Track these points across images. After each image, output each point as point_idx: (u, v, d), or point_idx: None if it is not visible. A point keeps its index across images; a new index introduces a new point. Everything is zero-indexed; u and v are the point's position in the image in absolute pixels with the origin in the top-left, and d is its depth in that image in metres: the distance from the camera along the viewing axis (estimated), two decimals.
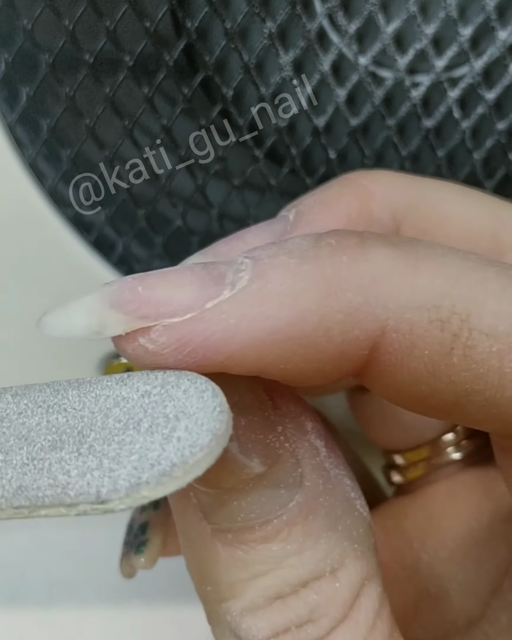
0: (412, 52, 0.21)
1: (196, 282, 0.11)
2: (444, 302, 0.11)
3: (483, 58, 0.22)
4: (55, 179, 0.22)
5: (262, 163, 0.23)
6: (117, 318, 0.11)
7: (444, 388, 0.11)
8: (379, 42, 0.21)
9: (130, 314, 0.11)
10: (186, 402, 0.11)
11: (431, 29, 0.21)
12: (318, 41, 0.21)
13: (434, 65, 0.22)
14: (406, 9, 0.21)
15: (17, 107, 0.21)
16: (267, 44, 0.21)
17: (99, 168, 0.22)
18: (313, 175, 0.23)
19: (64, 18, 0.20)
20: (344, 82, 0.22)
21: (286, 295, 0.11)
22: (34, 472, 0.10)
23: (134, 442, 0.10)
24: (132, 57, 0.21)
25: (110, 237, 0.24)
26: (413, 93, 0.22)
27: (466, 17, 0.21)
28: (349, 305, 0.11)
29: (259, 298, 0.11)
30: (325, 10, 0.21)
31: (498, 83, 0.22)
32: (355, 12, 0.21)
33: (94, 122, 0.22)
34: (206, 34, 0.21)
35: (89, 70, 0.21)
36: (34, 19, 0.20)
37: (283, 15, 0.21)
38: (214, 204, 0.23)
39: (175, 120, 0.22)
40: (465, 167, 0.24)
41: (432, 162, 0.23)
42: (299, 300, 0.11)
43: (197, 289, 0.11)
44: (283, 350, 0.11)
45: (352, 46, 0.21)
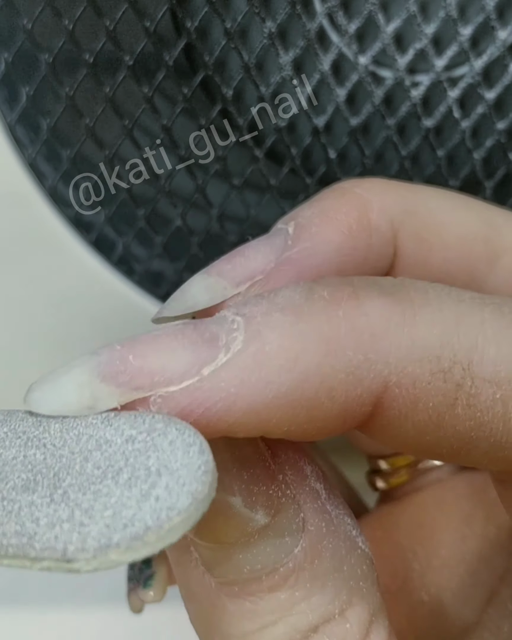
0: (412, 51, 0.22)
1: (189, 347, 0.11)
2: (444, 352, 0.11)
3: (483, 58, 0.22)
4: (55, 179, 0.22)
5: (262, 163, 0.23)
6: (110, 391, 0.11)
7: (449, 437, 0.11)
8: (379, 41, 0.21)
9: (124, 386, 0.11)
10: (171, 455, 0.10)
11: (430, 28, 0.21)
12: (318, 41, 0.21)
13: (434, 65, 0.22)
14: (406, 9, 0.21)
15: (17, 107, 0.21)
16: (267, 43, 0.21)
17: (99, 168, 0.22)
18: (313, 175, 0.23)
19: (63, 18, 0.20)
20: (344, 81, 0.22)
21: (285, 357, 0.11)
22: (1, 515, 0.10)
23: (110, 495, 0.10)
24: (132, 57, 0.21)
25: (110, 237, 0.24)
26: (413, 93, 0.22)
27: (466, 17, 0.21)
28: (350, 364, 0.11)
29: (256, 362, 0.11)
30: (325, 9, 0.21)
31: (498, 83, 0.22)
32: (355, 12, 0.21)
33: (93, 121, 0.22)
34: (206, 33, 0.21)
35: (89, 70, 0.21)
36: (34, 19, 0.20)
37: (283, 15, 0.21)
38: (214, 204, 0.23)
39: (175, 120, 0.22)
40: (465, 167, 0.24)
41: (432, 161, 0.23)
42: (299, 362, 0.11)
43: (190, 354, 0.11)
44: (286, 413, 0.11)
45: (352, 46, 0.21)
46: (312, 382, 0.11)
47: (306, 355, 0.11)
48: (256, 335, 0.11)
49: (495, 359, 0.11)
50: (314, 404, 0.11)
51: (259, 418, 0.11)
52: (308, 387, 0.11)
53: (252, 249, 0.15)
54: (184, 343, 0.11)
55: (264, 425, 0.11)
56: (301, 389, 0.11)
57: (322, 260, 0.14)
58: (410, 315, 0.11)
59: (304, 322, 0.11)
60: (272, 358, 0.11)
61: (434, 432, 0.11)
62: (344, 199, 0.15)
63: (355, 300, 0.11)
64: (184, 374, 0.10)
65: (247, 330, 0.11)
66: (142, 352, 0.11)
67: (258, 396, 0.10)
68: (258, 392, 0.10)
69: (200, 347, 0.11)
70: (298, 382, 0.11)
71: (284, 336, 0.11)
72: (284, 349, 0.11)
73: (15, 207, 0.22)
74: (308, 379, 0.11)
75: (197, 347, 0.11)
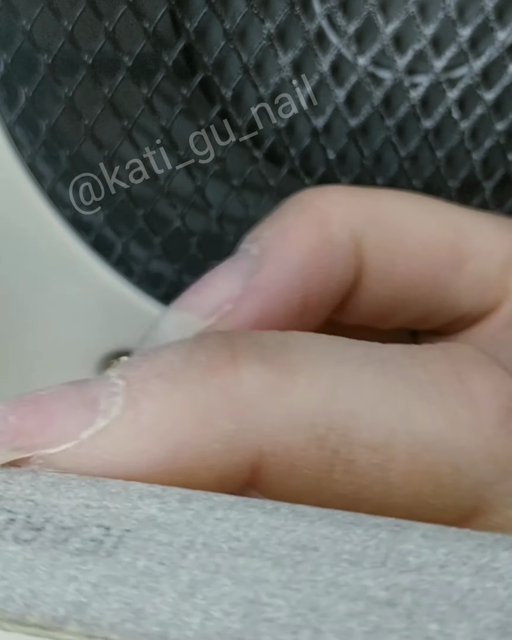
0: (411, 52, 0.22)
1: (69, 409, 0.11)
2: (319, 419, 0.11)
3: (482, 58, 0.22)
4: (54, 179, 0.22)
5: (261, 164, 0.23)
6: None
7: (332, 499, 0.11)
8: (378, 42, 0.21)
9: (4, 446, 0.11)
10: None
11: (430, 29, 0.21)
12: (317, 42, 0.21)
13: (433, 66, 0.22)
14: (405, 10, 0.21)
15: (16, 108, 0.21)
16: (266, 44, 0.21)
17: (99, 168, 0.22)
18: (312, 176, 0.23)
19: (63, 19, 0.20)
20: (343, 82, 0.22)
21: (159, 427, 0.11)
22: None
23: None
24: (131, 58, 0.21)
25: (109, 237, 0.24)
26: (412, 94, 0.22)
27: (465, 18, 0.21)
28: (224, 434, 0.11)
29: (132, 431, 0.11)
30: (324, 10, 0.21)
31: (497, 83, 0.22)
32: (354, 13, 0.21)
33: (93, 122, 0.22)
34: (205, 34, 0.21)
35: (88, 71, 0.21)
36: (33, 20, 0.20)
37: (282, 16, 0.21)
38: (213, 205, 0.23)
39: (174, 121, 0.22)
40: (464, 168, 0.24)
41: (431, 162, 0.23)
42: (173, 432, 0.11)
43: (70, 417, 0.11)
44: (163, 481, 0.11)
45: (351, 47, 0.21)
46: (186, 452, 0.11)
47: (179, 425, 0.11)
48: (132, 403, 0.11)
49: (371, 424, 0.11)
50: (190, 472, 0.11)
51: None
52: (183, 457, 0.11)
53: (219, 278, 0.15)
54: (65, 405, 0.11)
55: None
56: (175, 459, 0.11)
57: (287, 284, 0.14)
58: (286, 381, 0.11)
59: (180, 391, 0.11)
60: (147, 427, 0.11)
61: (314, 495, 0.11)
62: (305, 215, 0.15)
63: (232, 367, 0.11)
64: (62, 437, 0.11)
65: (125, 396, 0.11)
66: (23, 413, 0.11)
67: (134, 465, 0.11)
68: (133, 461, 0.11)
69: (80, 410, 0.11)
70: (172, 452, 0.11)
71: (159, 405, 0.11)
72: (158, 418, 0.11)
73: (14, 208, 0.22)
74: (182, 449, 0.11)
75: (77, 410, 0.11)
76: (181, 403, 0.11)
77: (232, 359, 0.11)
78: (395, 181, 0.24)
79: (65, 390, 0.11)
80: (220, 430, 0.11)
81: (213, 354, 0.11)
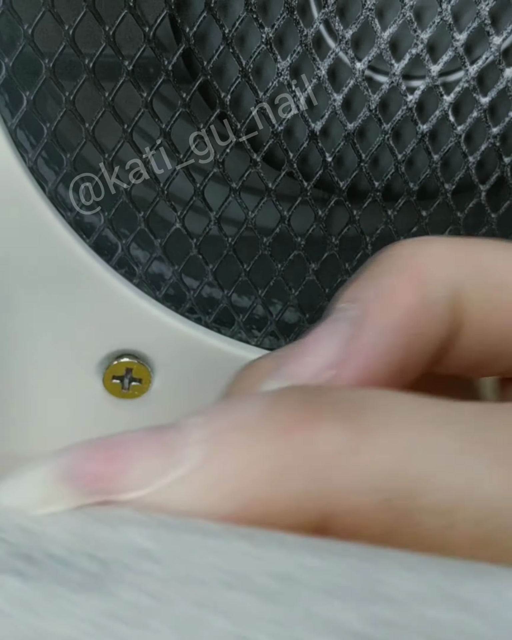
0: (407, 57, 0.22)
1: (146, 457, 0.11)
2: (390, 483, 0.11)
3: (478, 63, 0.22)
4: (55, 182, 0.23)
5: (260, 167, 0.23)
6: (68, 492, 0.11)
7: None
8: (375, 47, 0.22)
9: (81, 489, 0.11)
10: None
11: (426, 34, 0.21)
12: (315, 47, 0.22)
13: (429, 70, 0.22)
14: (402, 15, 0.21)
15: (18, 112, 0.22)
16: (264, 49, 0.21)
17: (99, 170, 0.23)
18: (310, 179, 0.23)
19: (64, 23, 0.20)
20: (341, 86, 0.22)
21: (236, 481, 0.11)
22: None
23: None
24: (131, 62, 0.21)
25: (109, 239, 0.24)
26: (409, 97, 0.22)
27: (461, 23, 0.22)
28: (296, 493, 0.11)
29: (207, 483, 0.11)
30: (322, 16, 0.21)
31: (492, 87, 0.23)
32: (351, 18, 0.21)
33: (93, 126, 0.22)
34: (204, 39, 0.22)
35: (89, 75, 0.21)
36: (35, 24, 0.20)
37: (280, 21, 0.21)
38: (212, 207, 0.24)
39: (173, 124, 0.22)
40: (460, 171, 0.24)
41: (428, 165, 0.24)
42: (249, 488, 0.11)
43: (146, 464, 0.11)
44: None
45: (348, 51, 0.22)
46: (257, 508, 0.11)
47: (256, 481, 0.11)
48: (210, 455, 0.11)
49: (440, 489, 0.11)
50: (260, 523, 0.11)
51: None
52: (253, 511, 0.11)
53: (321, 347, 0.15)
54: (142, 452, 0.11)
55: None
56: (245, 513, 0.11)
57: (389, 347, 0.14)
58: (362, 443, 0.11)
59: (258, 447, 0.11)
60: (223, 481, 0.11)
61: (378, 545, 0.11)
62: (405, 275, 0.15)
63: (309, 427, 0.11)
64: (137, 484, 0.11)
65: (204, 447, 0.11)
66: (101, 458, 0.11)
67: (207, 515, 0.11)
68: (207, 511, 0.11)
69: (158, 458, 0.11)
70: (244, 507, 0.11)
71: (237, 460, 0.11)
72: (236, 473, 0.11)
73: (15, 211, 0.23)
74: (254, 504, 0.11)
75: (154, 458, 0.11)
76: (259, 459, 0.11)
77: (311, 418, 0.11)
78: (391, 184, 0.24)
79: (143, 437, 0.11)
80: (292, 489, 0.11)
81: (292, 412, 0.12)
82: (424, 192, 0.24)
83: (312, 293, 0.26)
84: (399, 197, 0.24)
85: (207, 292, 0.27)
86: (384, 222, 0.24)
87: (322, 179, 0.23)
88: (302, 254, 0.25)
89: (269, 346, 0.27)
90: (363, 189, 0.24)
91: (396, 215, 0.24)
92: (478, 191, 0.24)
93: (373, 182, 0.24)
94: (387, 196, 0.24)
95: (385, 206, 0.24)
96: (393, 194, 0.24)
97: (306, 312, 0.26)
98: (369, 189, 0.24)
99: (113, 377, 0.27)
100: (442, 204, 0.24)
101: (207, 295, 0.27)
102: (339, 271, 0.26)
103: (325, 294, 0.26)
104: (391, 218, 0.24)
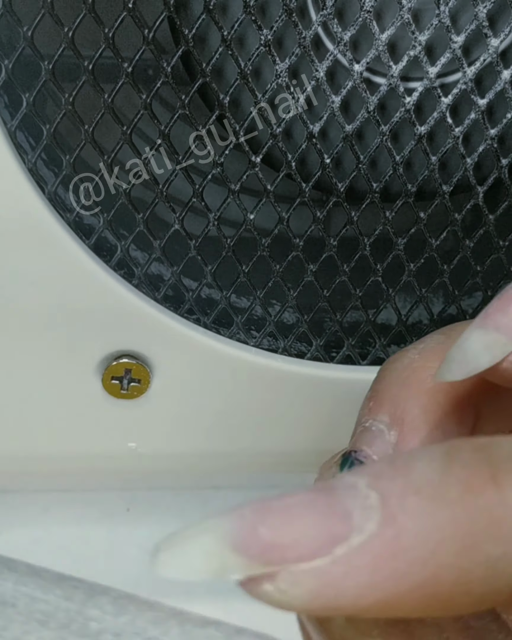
0: (405, 59, 0.22)
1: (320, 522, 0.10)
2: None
3: (475, 65, 0.22)
4: (55, 183, 0.23)
5: (259, 168, 0.23)
6: (240, 562, 0.10)
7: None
8: (373, 49, 0.22)
9: (254, 559, 0.10)
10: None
11: (424, 36, 0.22)
12: (313, 48, 0.22)
13: (427, 72, 0.22)
14: (400, 17, 0.21)
15: (18, 113, 0.22)
16: (263, 51, 0.21)
17: (99, 170, 0.23)
18: (308, 180, 0.24)
19: (63, 25, 0.20)
20: (339, 88, 0.22)
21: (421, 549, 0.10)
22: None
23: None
24: (130, 64, 0.21)
25: (109, 240, 0.24)
26: (407, 99, 0.23)
27: (459, 25, 0.22)
28: (489, 559, 0.10)
29: (391, 551, 0.10)
30: (320, 18, 0.21)
31: (490, 89, 0.23)
32: (350, 20, 0.21)
33: (93, 127, 0.22)
34: (203, 41, 0.22)
35: (88, 77, 0.21)
36: (34, 26, 0.20)
37: (279, 23, 0.21)
38: (211, 208, 0.24)
39: (172, 125, 0.22)
40: (457, 172, 0.24)
41: (426, 167, 0.24)
42: (436, 555, 0.10)
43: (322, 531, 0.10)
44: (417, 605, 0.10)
45: (346, 53, 0.22)
46: (448, 577, 0.10)
47: (442, 548, 0.10)
48: (391, 520, 0.10)
49: None
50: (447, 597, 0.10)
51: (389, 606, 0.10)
52: (444, 581, 0.10)
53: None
54: (315, 516, 0.10)
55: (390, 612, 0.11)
56: (435, 583, 0.10)
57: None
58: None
59: (441, 511, 0.10)
60: (408, 549, 0.10)
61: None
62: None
63: (494, 487, 0.11)
64: (315, 552, 0.10)
65: (382, 511, 0.10)
66: (273, 524, 0.10)
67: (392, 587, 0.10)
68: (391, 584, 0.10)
69: (332, 523, 0.10)
70: (433, 576, 0.10)
71: (421, 525, 0.10)
72: (421, 540, 0.10)
73: (15, 212, 0.23)
74: (444, 574, 0.10)
75: (328, 523, 0.10)
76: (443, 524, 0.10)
77: (492, 478, 0.11)
78: (389, 185, 0.24)
79: (313, 499, 0.11)
80: (485, 555, 0.10)
81: (471, 471, 0.11)
82: (422, 193, 0.24)
83: (310, 294, 0.26)
84: (397, 198, 0.24)
85: (206, 292, 0.27)
86: (382, 223, 0.25)
87: (321, 180, 0.24)
88: (300, 255, 0.25)
89: (268, 347, 0.27)
90: (361, 190, 0.24)
91: (394, 217, 0.24)
92: (476, 192, 0.24)
93: (371, 183, 0.24)
94: (386, 197, 0.24)
95: (383, 207, 0.24)
96: (391, 196, 0.24)
97: (304, 313, 0.27)
98: (368, 190, 0.24)
99: (112, 378, 0.27)
100: (440, 205, 0.25)
101: (206, 296, 0.27)
102: (338, 272, 0.26)
103: (323, 295, 0.26)
104: (389, 219, 0.24)
